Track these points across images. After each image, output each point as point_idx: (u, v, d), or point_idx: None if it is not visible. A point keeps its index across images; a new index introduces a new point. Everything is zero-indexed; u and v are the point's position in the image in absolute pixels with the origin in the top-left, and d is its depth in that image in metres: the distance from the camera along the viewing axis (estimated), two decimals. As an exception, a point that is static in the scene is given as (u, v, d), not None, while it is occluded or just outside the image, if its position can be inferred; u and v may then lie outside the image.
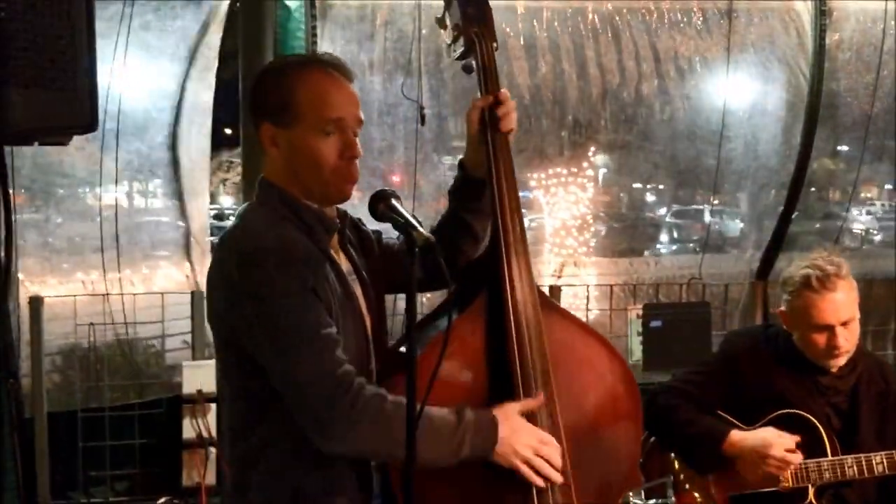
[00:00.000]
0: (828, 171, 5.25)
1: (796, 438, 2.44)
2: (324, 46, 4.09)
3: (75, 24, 1.26)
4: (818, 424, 2.46)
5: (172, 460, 4.00)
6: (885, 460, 2.40)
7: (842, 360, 2.49)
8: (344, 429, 1.61)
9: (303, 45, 4.03)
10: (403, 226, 1.60)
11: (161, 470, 4.13)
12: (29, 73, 1.20)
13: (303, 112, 1.73)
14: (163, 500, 4.00)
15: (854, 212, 5.85)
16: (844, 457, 2.43)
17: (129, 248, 4.40)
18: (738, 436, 2.47)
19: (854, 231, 6.21)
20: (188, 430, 3.84)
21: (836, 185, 5.39)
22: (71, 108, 1.28)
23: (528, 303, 1.87)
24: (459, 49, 2.03)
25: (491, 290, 1.89)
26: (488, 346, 1.87)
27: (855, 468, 2.41)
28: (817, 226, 5.26)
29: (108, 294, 4.13)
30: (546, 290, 4.53)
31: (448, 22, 2.07)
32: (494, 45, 2.01)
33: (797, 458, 2.42)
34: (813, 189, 4.98)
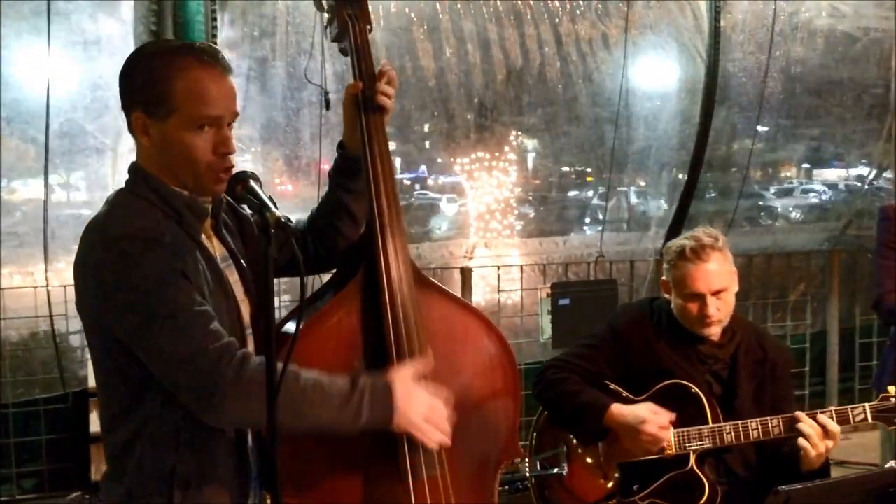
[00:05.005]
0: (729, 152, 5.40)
1: (671, 416, 2.53)
2: (224, 30, 4.03)
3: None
4: (700, 394, 2.56)
5: (81, 455, 3.94)
6: (759, 426, 2.49)
7: (714, 329, 2.59)
8: (230, 400, 1.61)
9: (203, 29, 3.96)
10: (258, 206, 1.61)
11: (70, 465, 4.06)
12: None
13: (178, 106, 1.70)
14: (74, 495, 3.94)
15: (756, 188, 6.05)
16: (723, 424, 2.52)
17: (49, 242, 4.23)
18: (617, 409, 2.55)
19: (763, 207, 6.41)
20: (95, 424, 3.79)
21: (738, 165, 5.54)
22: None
23: (404, 281, 1.90)
24: (334, 31, 2.05)
25: (367, 270, 1.92)
26: (365, 325, 1.90)
27: (733, 434, 2.51)
28: (711, 208, 5.39)
29: (3, 288, 4.00)
30: (458, 273, 4.58)
31: (324, 3, 2.08)
32: (368, 27, 2.04)
33: (668, 434, 2.51)
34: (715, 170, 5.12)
